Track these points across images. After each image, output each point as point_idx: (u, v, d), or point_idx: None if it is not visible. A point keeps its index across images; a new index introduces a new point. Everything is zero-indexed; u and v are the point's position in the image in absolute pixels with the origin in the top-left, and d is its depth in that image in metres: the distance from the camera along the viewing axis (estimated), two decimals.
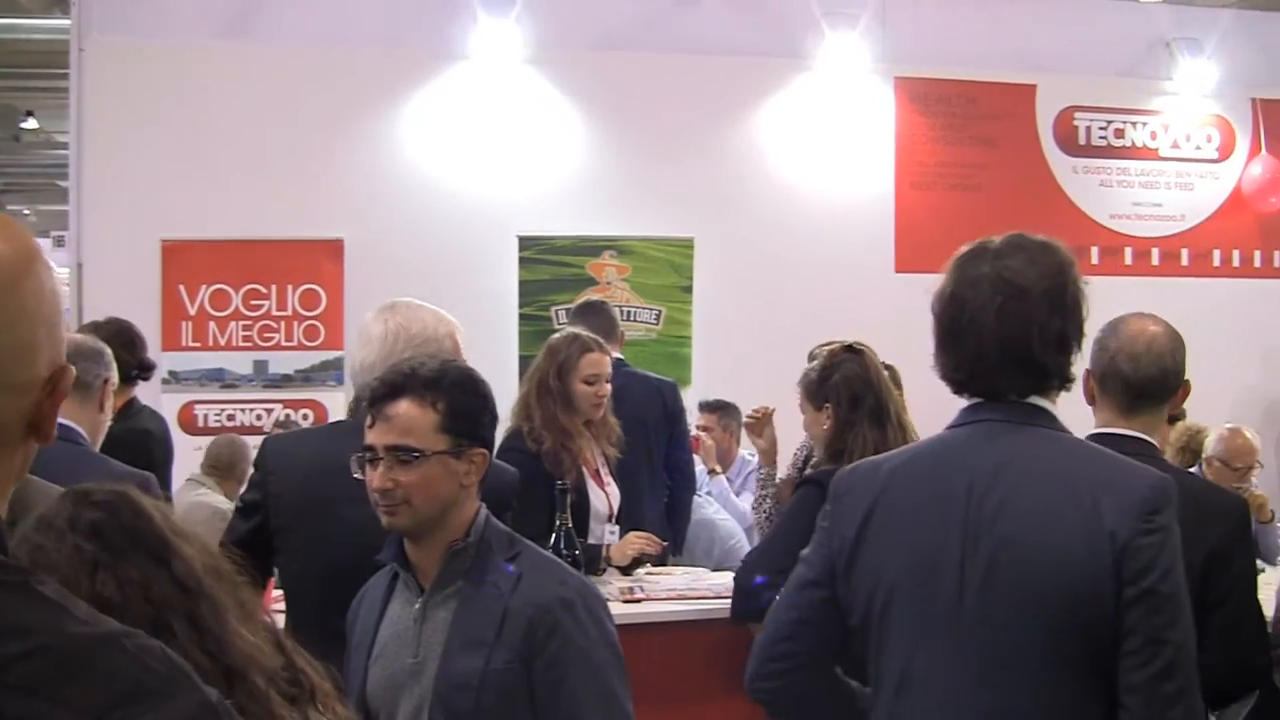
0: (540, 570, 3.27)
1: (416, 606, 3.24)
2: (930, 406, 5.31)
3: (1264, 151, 12.02)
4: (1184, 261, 11.82)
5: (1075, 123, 11.67)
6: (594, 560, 5.80)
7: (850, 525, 2.97)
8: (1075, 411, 3.36)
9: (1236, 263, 12.02)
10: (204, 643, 2.10)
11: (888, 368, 5.34)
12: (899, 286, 10.46)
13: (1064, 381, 2.96)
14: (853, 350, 5.11)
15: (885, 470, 3.04)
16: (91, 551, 2.08)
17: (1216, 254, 11.98)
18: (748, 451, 7.98)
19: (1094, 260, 11.32)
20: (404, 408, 3.18)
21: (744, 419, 6.79)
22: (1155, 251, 11.76)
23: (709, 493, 7.65)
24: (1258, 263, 12.08)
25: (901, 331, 5.61)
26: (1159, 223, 11.85)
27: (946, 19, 11.24)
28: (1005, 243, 2.96)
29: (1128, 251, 11.50)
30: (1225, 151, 12.08)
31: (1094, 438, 3.41)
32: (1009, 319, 2.86)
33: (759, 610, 4.55)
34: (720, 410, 8.34)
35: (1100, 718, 2.75)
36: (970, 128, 11.32)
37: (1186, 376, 3.81)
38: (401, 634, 3.25)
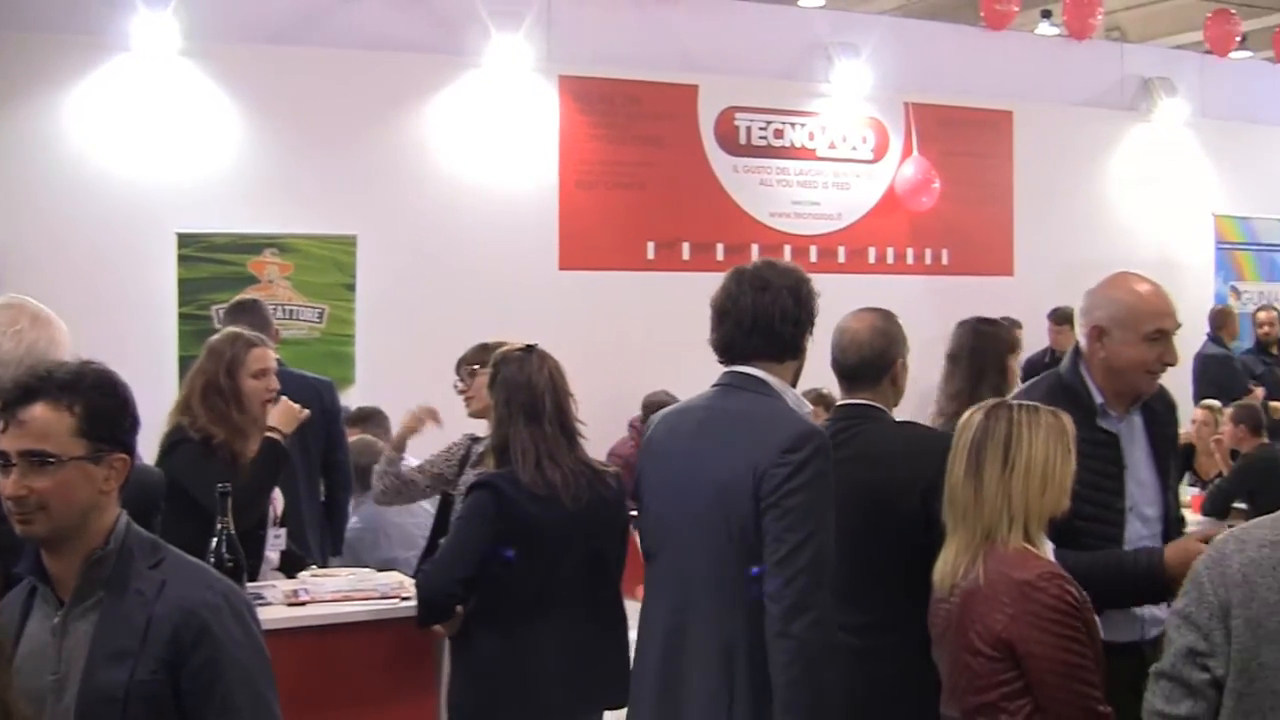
0: (185, 575, 3.16)
1: (56, 620, 3.10)
2: (607, 395, 5.35)
3: (915, 153, 12.48)
4: (841, 259, 12.21)
5: (736, 123, 11.92)
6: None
7: (640, 461, 4.31)
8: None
9: (890, 260, 12.48)
10: None
11: None
12: (563, 283, 10.56)
13: (796, 352, 4.09)
14: (523, 350, 5.08)
15: (659, 418, 4.32)
16: None
17: (872, 251, 12.41)
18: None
19: (754, 257, 11.56)
20: (39, 411, 3.04)
21: None
22: (814, 249, 12.11)
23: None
24: (910, 259, 12.56)
25: (564, 327, 5.66)
26: (817, 221, 12.22)
27: (610, 20, 11.38)
28: (760, 261, 4.20)
29: (787, 249, 11.78)
30: (880, 152, 12.51)
31: (839, 405, 4.72)
32: (759, 303, 4.03)
33: (444, 614, 4.98)
34: (364, 421, 8.20)
35: (751, 603, 3.80)
36: (634, 127, 11.47)
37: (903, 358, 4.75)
38: (41, 650, 3.10)
